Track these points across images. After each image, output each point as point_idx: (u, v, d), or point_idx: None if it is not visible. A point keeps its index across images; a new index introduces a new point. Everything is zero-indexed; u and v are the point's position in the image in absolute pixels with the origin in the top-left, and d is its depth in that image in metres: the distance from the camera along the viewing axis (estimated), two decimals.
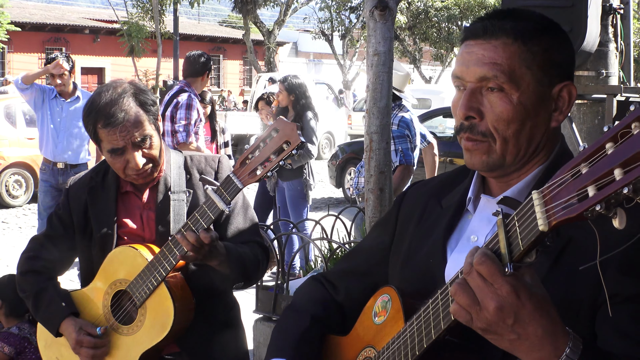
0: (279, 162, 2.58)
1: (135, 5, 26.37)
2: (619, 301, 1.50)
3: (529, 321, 1.38)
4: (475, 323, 1.42)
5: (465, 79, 1.72)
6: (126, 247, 2.92)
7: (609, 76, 4.94)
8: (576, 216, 1.24)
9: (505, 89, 1.67)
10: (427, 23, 33.54)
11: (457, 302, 1.44)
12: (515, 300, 1.37)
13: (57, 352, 3.07)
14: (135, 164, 2.85)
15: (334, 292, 2.15)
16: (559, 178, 1.29)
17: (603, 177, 1.19)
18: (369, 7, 4.67)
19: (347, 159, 14.21)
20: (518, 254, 1.36)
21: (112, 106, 2.81)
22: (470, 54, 1.72)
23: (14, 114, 14.21)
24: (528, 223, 1.34)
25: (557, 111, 1.72)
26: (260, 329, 4.93)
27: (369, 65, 4.71)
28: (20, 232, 11.74)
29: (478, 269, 1.40)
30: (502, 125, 1.68)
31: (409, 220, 2.00)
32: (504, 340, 1.42)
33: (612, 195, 1.17)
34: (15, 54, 34.47)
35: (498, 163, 1.72)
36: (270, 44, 28.73)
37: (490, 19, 1.73)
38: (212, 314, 3.00)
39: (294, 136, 2.54)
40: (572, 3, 4.36)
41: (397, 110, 6.47)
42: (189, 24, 44.94)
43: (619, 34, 4.90)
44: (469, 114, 1.70)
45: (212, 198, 2.67)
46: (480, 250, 1.42)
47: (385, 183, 4.79)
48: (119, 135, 2.80)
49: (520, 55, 1.67)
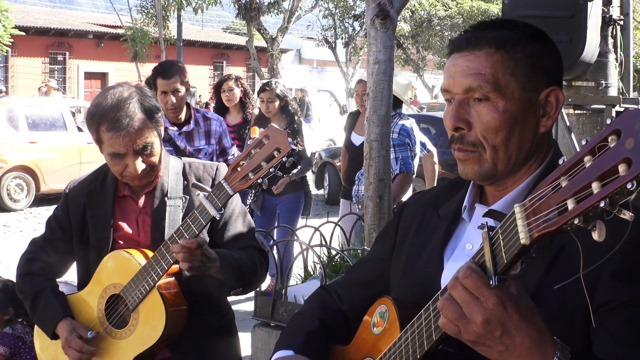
0: (269, 169, 2.60)
1: (140, 11, 26.43)
2: (614, 307, 1.52)
3: (516, 332, 1.40)
4: (464, 336, 1.44)
5: (453, 91, 1.75)
6: (120, 251, 2.94)
7: (609, 87, 4.96)
8: (556, 229, 1.26)
9: (491, 98, 1.69)
10: (431, 31, 33.57)
11: (445, 316, 1.46)
12: (502, 312, 1.39)
13: (54, 354, 3.09)
14: (134, 170, 2.87)
15: (340, 302, 2.17)
16: (540, 191, 1.31)
17: (581, 191, 1.21)
18: (370, 15, 4.69)
19: (324, 163, 15.97)
20: (502, 266, 1.39)
21: (117, 110, 2.82)
22: (456, 66, 1.75)
23: (17, 117, 14.25)
24: (511, 236, 1.36)
25: (545, 117, 1.74)
26: (258, 335, 4.93)
27: (370, 74, 4.73)
28: (21, 236, 11.76)
29: (464, 282, 1.42)
30: (490, 134, 1.70)
31: (409, 230, 2.02)
32: (493, 351, 1.44)
33: (590, 209, 1.19)
34: (19, 57, 34.48)
35: (491, 172, 1.74)
36: (273, 50, 28.71)
37: (473, 30, 1.77)
38: (205, 320, 3.01)
39: (285, 143, 2.56)
40: (572, 14, 4.38)
41: (397, 119, 6.48)
42: (193, 30, 44.97)
43: (618, 45, 4.92)
44: (457, 125, 1.73)
45: (203, 204, 2.70)
46: (466, 264, 1.44)
47: (385, 191, 4.81)
48: (122, 140, 2.81)
49: (503, 63, 1.70)
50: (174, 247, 2.66)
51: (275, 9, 29.19)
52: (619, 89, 4.98)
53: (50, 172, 14.52)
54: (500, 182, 1.79)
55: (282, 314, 4.66)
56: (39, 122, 14.71)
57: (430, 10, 32.95)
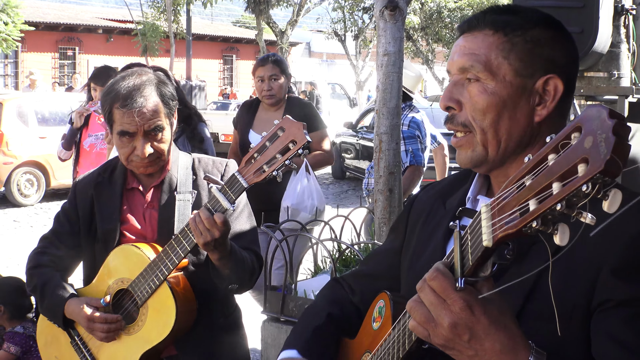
0: (284, 162, 2.56)
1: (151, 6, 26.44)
2: (612, 305, 1.47)
3: (485, 337, 1.37)
4: (433, 339, 1.41)
5: (451, 71, 1.76)
6: (129, 245, 2.91)
7: (621, 77, 4.90)
8: (515, 232, 1.22)
9: (482, 79, 1.68)
10: (440, 23, 33.44)
11: (414, 319, 1.43)
12: (469, 315, 1.36)
13: (57, 350, 3.06)
14: (142, 152, 2.84)
15: (352, 294, 2.17)
16: (506, 190, 1.26)
17: (543, 191, 1.16)
18: (379, 7, 4.65)
19: None
20: (468, 268, 1.35)
21: (133, 90, 2.82)
22: (457, 46, 1.76)
23: (26, 113, 14.26)
24: (477, 237, 1.33)
25: (541, 105, 1.69)
26: (268, 330, 4.91)
27: (379, 66, 4.69)
28: (31, 231, 11.78)
29: (430, 284, 1.40)
30: (478, 115, 1.69)
31: (417, 223, 2.01)
32: (463, 356, 1.41)
33: (547, 212, 1.15)
34: (29, 53, 34.60)
35: (482, 157, 1.72)
36: (283, 44, 28.69)
37: (477, 14, 1.77)
38: (211, 317, 2.99)
39: (300, 135, 2.53)
40: (583, 4, 4.32)
41: (407, 111, 6.44)
42: (202, 24, 45.03)
43: (631, 35, 4.86)
44: (448, 104, 1.74)
45: (216, 196, 2.66)
46: (435, 265, 1.42)
47: (395, 184, 4.77)
48: (133, 118, 2.79)
49: (498, 45, 1.68)
50: (203, 212, 2.62)
51: (284, 2, 29.18)
52: (631, 79, 4.92)
53: (61, 167, 14.47)
54: (501, 172, 1.75)
55: (292, 309, 4.63)
56: (49, 118, 14.70)
57: (440, 2, 32.82)
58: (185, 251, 2.73)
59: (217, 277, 2.85)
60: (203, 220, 2.61)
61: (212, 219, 2.61)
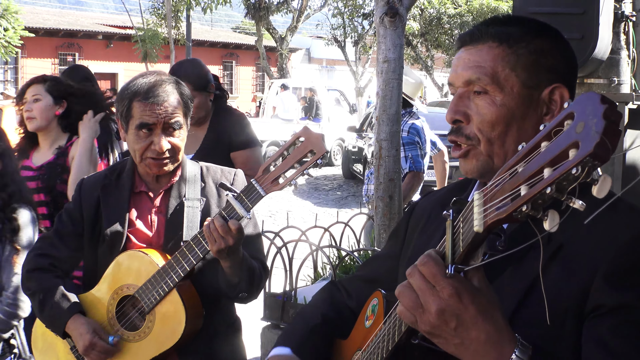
0: (302, 172, 2.56)
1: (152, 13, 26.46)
2: (603, 312, 1.47)
3: (472, 325, 1.36)
4: (420, 326, 1.41)
5: (455, 84, 1.75)
6: (136, 251, 2.89)
7: (621, 84, 4.90)
8: (506, 217, 1.22)
9: (489, 91, 1.68)
10: (440, 30, 33.48)
11: (402, 304, 1.43)
12: (457, 303, 1.35)
13: (54, 357, 3.04)
14: (159, 147, 2.83)
15: (348, 298, 2.18)
16: (500, 177, 1.28)
17: (534, 176, 1.17)
18: (379, 13, 4.66)
19: None
20: (459, 255, 1.36)
21: (155, 85, 2.84)
22: (459, 59, 1.75)
23: None
24: (469, 224, 1.33)
25: (549, 115, 1.70)
26: (268, 337, 4.90)
27: (379, 72, 4.69)
28: None
29: (421, 269, 1.39)
30: (486, 128, 1.69)
31: (416, 229, 2.02)
32: (450, 344, 1.40)
33: (537, 196, 1.16)
34: (29, 59, 34.60)
35: (488, 166, 1.72)
36: (283, 50, 28.74)
37: (479, 26, 1.77)
38: (214, 325, 2.97)
39: (319, 145, 2.54)
40: (584, 10, 4.32)
41: (407, 117, 6.45)
42: (202, 30, 45.02)
43: (631, 42, 4.86)
44: (455, 117, 1.73)
45: (232, 204, 2.65)
46: (426, 252, 1.42)
47: (395, 190, 4.77)
48: (154, 110, 2.80)
49: (504, 57, 1.69)
50: (217, 220, 2.62)
51: (284, 8, 29.23)
52: (631, 86, 4.92)
53: None
54: None
55: (291, 316, 4.63)
56: None
57: (440, 8, 32.87)
58: (198, 258, 2.72)
59: (228, 286, 2.83)
60: (217, 228, 2.60)
61: (227, 226, 2.60)
